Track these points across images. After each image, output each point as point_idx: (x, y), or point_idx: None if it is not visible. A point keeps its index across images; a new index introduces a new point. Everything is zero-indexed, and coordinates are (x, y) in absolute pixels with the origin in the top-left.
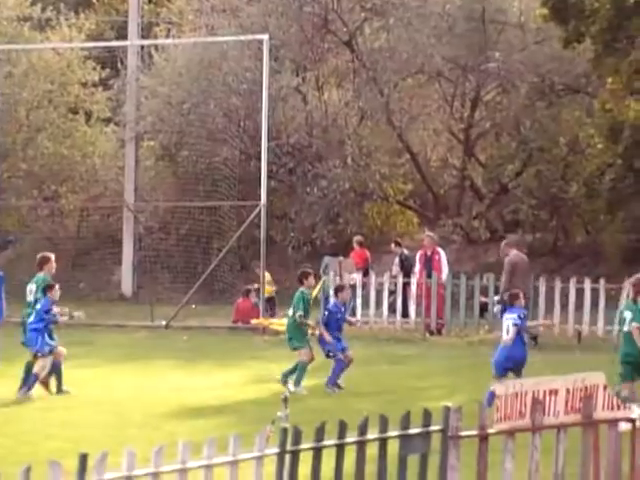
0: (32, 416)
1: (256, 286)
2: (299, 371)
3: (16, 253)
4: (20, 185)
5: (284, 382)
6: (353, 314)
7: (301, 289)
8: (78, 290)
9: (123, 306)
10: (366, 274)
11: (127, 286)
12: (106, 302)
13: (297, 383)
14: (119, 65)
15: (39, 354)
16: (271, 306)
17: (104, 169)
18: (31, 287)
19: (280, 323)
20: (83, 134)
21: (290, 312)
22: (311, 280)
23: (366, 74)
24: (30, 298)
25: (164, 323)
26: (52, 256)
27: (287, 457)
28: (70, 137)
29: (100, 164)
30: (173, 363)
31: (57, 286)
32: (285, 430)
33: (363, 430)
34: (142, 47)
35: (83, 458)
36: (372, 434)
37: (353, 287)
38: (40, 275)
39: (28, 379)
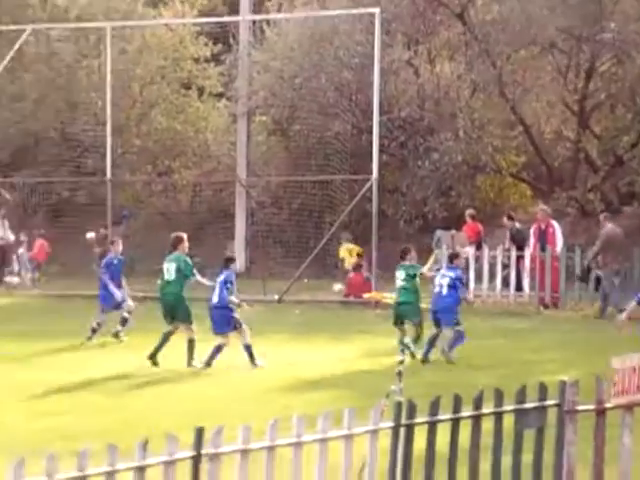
0: (151, 391)
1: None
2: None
3: (130, 228)
4: (134, 161)
5: (402, 351)
6: (466, 287)
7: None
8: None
9: (236, 281)
10: (479, 248)
11: (239, 261)
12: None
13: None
14: (231, 40)
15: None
16: None
17: (216, 144)
18: (168, 266)
19: (392, 297)
20: (196, 109)
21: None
22: (413, 254)
23: (478, 46)
24: (168, 277)
25: (277, 297)
26: (185, 235)
27: (402, 431)
28: (183, 112)
29: (212, 139)
30: (286, 337)
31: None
32: (399, 404)
33: (478, 404)
34: (254, 22)
35: (199, 432)
36: (487, 408)
37: (466, 261)
38: (176, 254)
39: (161, 346)
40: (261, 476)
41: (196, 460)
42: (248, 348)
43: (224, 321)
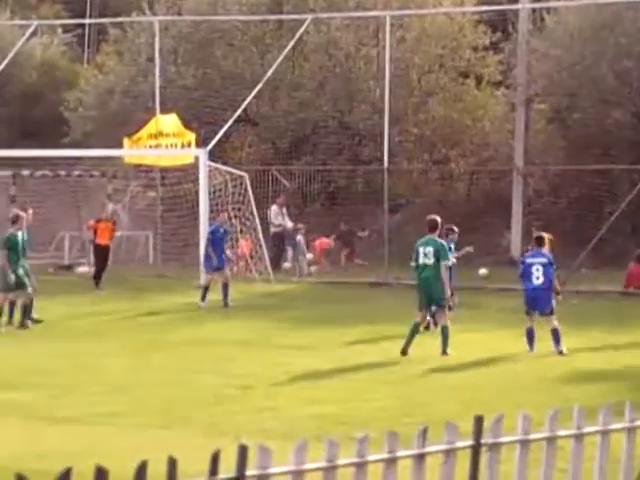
0: (424, 378)
1: None
2: None
3: (405, 216)
4: (411, 149)
5: None
6: None
7: None
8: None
9: (512, 269)
10: None
11: (516, 250)
12: (495, 265)
13: None
14: (510, 28)
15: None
16: None
17: (494, 133)
18: (425, 250)
19: None
20: (474, 98)
21: None
22: None
23: None
24: (426, 260)
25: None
26: (439, 219)
27: None
28: (461, 101)
29: (490, 128)
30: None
31: None
32: None
33: None
34: (533, 10)
35: (478, 420)
36: None
37: None
38: (432, 238)
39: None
40: (540, 467)
41: (475, 449)
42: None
43: (548, 301)
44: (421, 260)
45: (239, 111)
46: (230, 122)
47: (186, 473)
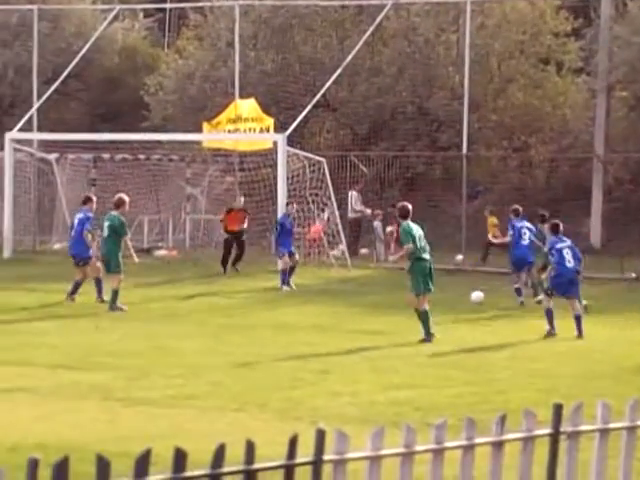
0: (501, 365)
1: None
2: None
3: (483, 203)
4: (490, 136)
5: None
6: None
7: None
8: None
9: (592, 258)
10: None
11: (596, 238)
12: None
13: None
14: (592, 15)
15: None
16: None
17: (574, 120)
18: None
19: None
20: (554, 85)
21: None
22: None
23: None
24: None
25: (634, 275)
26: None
27: None
28: (541, 88)
29: (570, 115)
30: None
31: None
32: None
33: None
34: None
35: (558, 408)
36: None
37: None
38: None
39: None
40: (619, 457)
41: (554, 437)
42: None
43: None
44: (420, 244)
45: (318, 96)
46: (309, 107)
47: (263, 456)
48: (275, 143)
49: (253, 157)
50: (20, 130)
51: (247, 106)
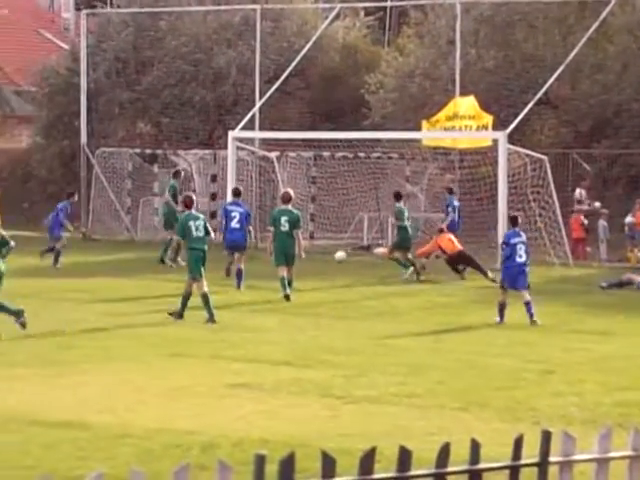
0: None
1: None
2: None
3: None
4: None
5: None
6: None
7: None
8: None
9: None
10: None
11: None
12: None
13: None
14: None
15: None
16: None
17: None
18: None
19: None
20: None
21: None
22: None
23: None
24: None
25: None
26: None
27: None
28: None
29: None
30: None
31: None
32: None
33: None
34: None
35: None
36: None
37: None
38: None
39: None
40: None
41: None
42: None
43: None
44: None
45: (540, 93)
46: (530, 105)
47: (486, 456)
48: (495, 141)
49: (473, 155)
50: (242, 129)
51: (466, 103)
